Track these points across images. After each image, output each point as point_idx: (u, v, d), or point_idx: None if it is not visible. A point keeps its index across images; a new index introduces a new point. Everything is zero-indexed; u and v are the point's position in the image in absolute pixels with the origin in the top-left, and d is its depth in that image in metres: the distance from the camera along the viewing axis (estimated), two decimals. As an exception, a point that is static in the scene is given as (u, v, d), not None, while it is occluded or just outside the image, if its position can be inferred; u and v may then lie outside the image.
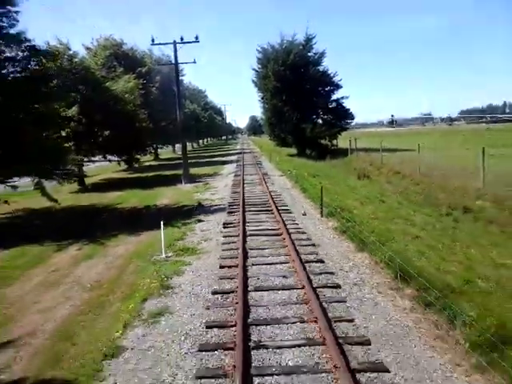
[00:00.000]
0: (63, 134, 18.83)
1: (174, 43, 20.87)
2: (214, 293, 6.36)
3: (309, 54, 34.90)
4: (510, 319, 4.84)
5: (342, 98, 35.57)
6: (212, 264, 7.89)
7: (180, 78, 31.48)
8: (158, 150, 49.27)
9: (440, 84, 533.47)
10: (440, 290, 5.79)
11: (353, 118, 38.01)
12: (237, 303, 5.73)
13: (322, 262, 7.47)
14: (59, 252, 10.41)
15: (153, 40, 20.82)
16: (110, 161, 25.85)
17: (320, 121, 35.16)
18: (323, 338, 4.74)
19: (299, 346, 4.70)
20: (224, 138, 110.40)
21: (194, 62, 24.03)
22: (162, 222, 9.31)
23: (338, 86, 35.13)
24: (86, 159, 22.96)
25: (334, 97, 35.57)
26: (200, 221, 11.89)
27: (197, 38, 20.77)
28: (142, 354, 4.89)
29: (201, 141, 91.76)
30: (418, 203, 13.75)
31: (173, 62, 22.54)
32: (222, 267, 7.55)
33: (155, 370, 4.54)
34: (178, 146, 55.85)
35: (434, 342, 4.77)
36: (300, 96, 33.05)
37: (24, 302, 7.24)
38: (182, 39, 20.81)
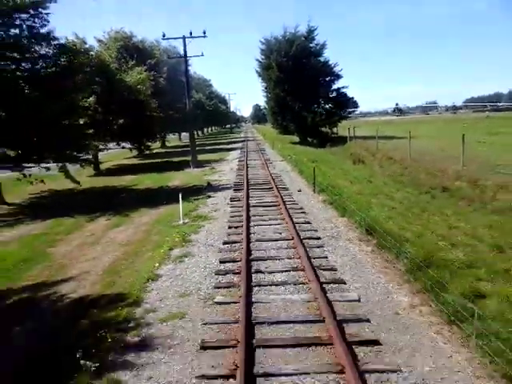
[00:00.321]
0: (81, 122, 20.80)
1: (184, 38, 22.70)
2: (225, 243, 8.34)
3: (310, 45, 36.46)
4: (437, 254, 6.78)
5: (343, 87, 37.34)
6: (222, 226, 9.87)
7: (189, 69, 33.36)
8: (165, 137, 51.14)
9: (447, 73, 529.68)
10: (396, 241, 7.72)
11: (356, 107, 39.68)
12: (242, 248, 7.70)
13: (309, 223, 9.42)
14: (91, 222, 12.40)
15: (164, 35, 22.73)
16: (123, 147, 27.80)
17: (321, 110, 36.83)
18: (303, 266, 6.71)
19: (286, 271, 6.68)
20: (228, 126, 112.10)
21: (202, 55, 25.95)
22: (180, 195, 11.29)
23: (338, 76, 36.84)
24: (101, 146, 24.93)
25: (335, 86, 37.32)
26: (210, 196, 13.89)
27: (204, 32, 22.62)
28: (174, 277, 6.89)
29: (206, 129, 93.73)
30: (403, 183, 15.57)
31: (181, 53, 24.40)
32: (230, 228, 9.53)
33: (185, 285, 6.54)
34: (183, 135, 57.76)
35: (382, 269, 6.73)
36: (302, 86, 34.65)
37: (72, 256, 9.23)
38: (190, 33, 22.63)
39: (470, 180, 14.43)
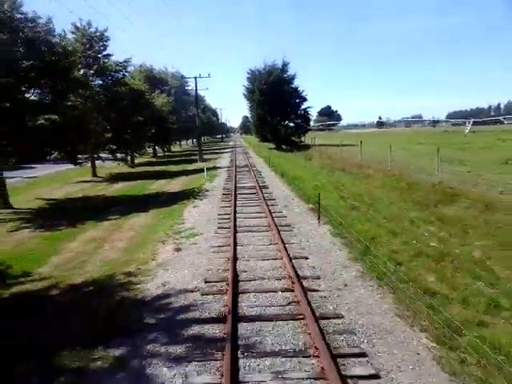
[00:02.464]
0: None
1: (195, 78, 36.07)
2: (225, 188, 21.31)
3: (284, 75, 50.03)
4: (319, 189, 19.94)
5: (308, 108, 51.10)
6: (224, 178, 23.03)
7: (188, 89, 47.36)
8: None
9: (434, 87, 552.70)
10: (297, 179, 20.76)
11: (340, 120, 53.39)
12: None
13: (263, 177, 22.56)
14: (154, 182, 25.33)
15: (182, 76, 35.99)
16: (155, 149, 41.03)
17: (291, 124, 50.30)
18: (255, 185, 19.86)
19: (251, 187, 19.78)
20: (219, 136, 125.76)
21: (207, 89, 39.44)
22: (205, 168, 24.50)
23: (304, 99, 50.53)
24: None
25: (302, 107, 50.93)
26: (216, 168, 27.08)
27: (209, 75, 36.06)
28: (211, 185, 20.01)
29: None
30: (324, 168, 28.67)
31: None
32: (228, 177, 22.67)
33: (213, 184, 19.64)
34: (183, 142, 71.12)
35: (289, 189, 19.89)
36: (277, 106, 48.03)
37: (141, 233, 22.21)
38: (200, 75, 36.02)
39: (359, 166, 27.71)
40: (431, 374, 4.44)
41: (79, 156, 22.78)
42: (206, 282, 7.17)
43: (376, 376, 4.36)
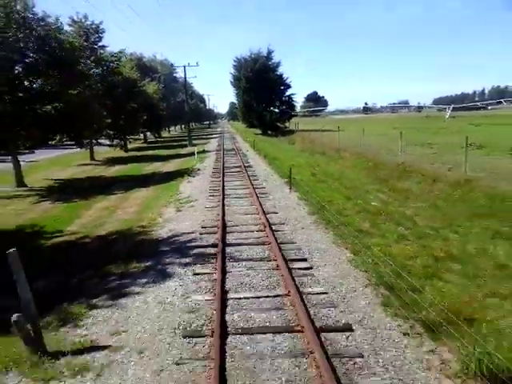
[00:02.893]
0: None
1: (184, 66, 38.40)
2: (214, 168, 23.94)
3: (269, 63, 52.44)
4: (291, 164, 22.71)
5: (292, 94, 53.82)
6: (213, 160, 25.65)
7: (177, 76, 49.66)
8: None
9: (423, 72, 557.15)
10: (274, 158, 23.49)
11: (326, 106, 56.29)
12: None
13: (246, 156, 25.35)
14: (150, 164, 27.89)
15: (172, 65, 38.27)
16: (145, 135, 43.42)
17: (276, 110, 52.89)
18: (240, 159, 22.59)
19: (235, 159, 22.48)
20: (207, 122, 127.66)
21: (195, 77, 41.76)
22: (196, 151, 27.08)
23: (289, 86, 53.15)
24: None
25: (287, 93, 53.48)
26: (205, 152, 29.67)
27: (197, 63, 38.36)
28: (202, 165, 22.68)
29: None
30: (307, 152, 31.42)
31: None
32: (216, 159, 25.35)
33: (204, 164, 22.33)
34: (171, 129, 73.27)
35: (266, 164, 22.66)
36: (263, 93, 50.52)
37: (147, 201, 24.81)
38: (189, 64, 38.36)
39: (336, 149, 30.55)
40: (345, 268, 7.28)
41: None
42: (202, 228, 9.95)
43: (310, 268, 7.19)
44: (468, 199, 12.74)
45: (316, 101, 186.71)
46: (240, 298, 6.02)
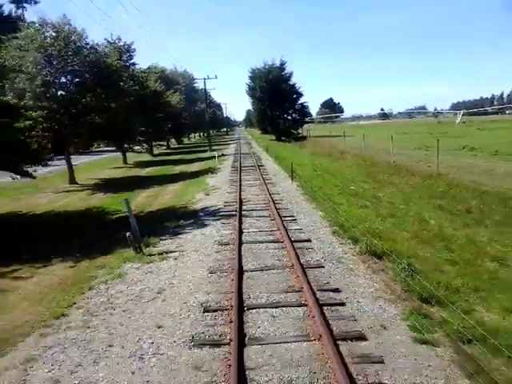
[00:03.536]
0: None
1: (204, 79, 43.09)
2: (232, 167, 28.27)
3: (282, 73, 56.86)
4: (295, 164, 26.95)
5: (304, 102, 58.07)
6: (230, 163, 30.00)
7: (196, 86, 54.63)
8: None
9: (441, 77, 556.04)
10: (283, 159, 27.69)
11: (342, 112, 60.64)
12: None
13: (263, 166, 29.39)
14: (177, 165, 32.42)
15: (193, 78, 42.93)
16: (168, 141, 48.26)
17: (289, 117, 57.20)
18: (252, 154, 26.89)
19: (249, 154, 26.79)
20: (224, 130, 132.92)
21: (214, 89, 46.31)
22: (216, 155, 31.53)
23: (301, 95, 57.52)
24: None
25: (299, 102, 57.81)
26: (224, 155, 34.11)
27: (216, 76, 42.97)
28: (225, 164, 27.06)
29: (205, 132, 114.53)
30: (316, 155, 35.57)
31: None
32: (234, 160, 29.70)
33: (225, 163, 26.71)
34: (191, 136, 78.30)
35: (274, 163, 26.90)
36: (276, 101, 54.92)
37: (182, 191, 29.28)
38: (208, 76, 43.00)
39: (341, 152, 34.63)
40: (316, 219, 11.48)
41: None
42: (225, 203, 14.31)
43: (295, 220, 11.45)
44: (431, 186, 16.68)
45: (332, 107, 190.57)
46: (249, 232, 10.28)
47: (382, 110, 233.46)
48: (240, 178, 20.22)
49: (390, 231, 9.84)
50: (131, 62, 35.06)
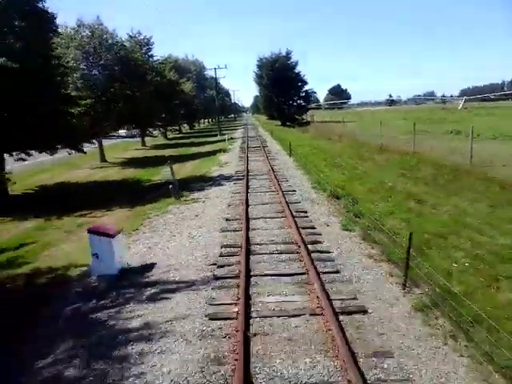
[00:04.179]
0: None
1: (215, 69, 47.14)
2: (240, 147, 32.45)
3: (288, 62, 60.52)
4: (294, 146, 31.11)
5: (309, 89, 61.83)
6: (240, 143, 34.19)
7: (204, 74, 58.66)
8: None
9: (450, 63, 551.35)
10: (286, 140, 31.81)
11: (349, 98, 64.58)
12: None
13: (267, 146, 33.61)
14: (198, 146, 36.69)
15: (203, 67, 46.93)
16: (180, 126, 52.51)
17: (294, 104, 61.04)
18: (258, 136, 31.09)
19: (255, 137, 31.01)
20: (232, 116, 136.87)
21: (224, 77, 50.35)
22: (226, 137, 35.75)
23: (305, 82, 61.18)
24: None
25: (304, 89, 61.56)
26: (233, 138, 38.32)
27: (226, 66, 46.84)
28: (234, 144, 31.31)
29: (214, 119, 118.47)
30: (316, 138, 39.61)
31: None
32: (243, 142, 33.93)
33: (234, 142, 30.97)
34: (201, 121, 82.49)
35: (278, 145, 31.06)
36: (282, 89, 58.65)
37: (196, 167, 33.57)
38: (218, 66, 47.01)
39: (339, 135, 38.64)
40: (303, 180, 15.73)
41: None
42: (236, 172, 18.64)
43: (287, 180, 15.74)
44: (404, 162, 20.66)
45: (339, 94, 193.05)
46: (254, 187, 14.61)
47: (390, 96, 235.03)
48: (247, 156, 24.42)
49: (352, 187, 14.07)
50: (150, 53, 39.16)
